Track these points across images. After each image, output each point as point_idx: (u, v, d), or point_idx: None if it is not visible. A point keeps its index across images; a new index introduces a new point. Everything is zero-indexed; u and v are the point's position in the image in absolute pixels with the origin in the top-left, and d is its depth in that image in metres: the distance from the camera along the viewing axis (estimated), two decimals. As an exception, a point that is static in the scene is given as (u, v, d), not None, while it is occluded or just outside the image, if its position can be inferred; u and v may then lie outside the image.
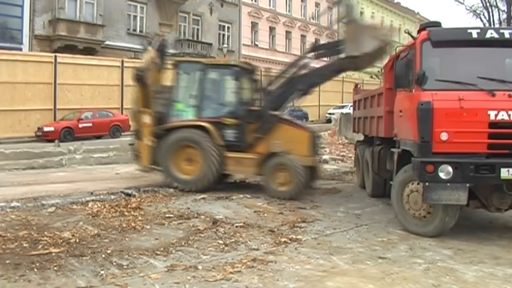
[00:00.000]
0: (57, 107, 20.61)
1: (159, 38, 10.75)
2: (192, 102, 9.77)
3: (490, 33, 6.15)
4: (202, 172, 9.28)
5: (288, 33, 42.43)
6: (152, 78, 9.93)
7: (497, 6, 35.71)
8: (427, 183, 5.83)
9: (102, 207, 7.64)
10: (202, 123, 9.40)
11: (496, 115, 5.75)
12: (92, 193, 8.67)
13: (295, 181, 8.92)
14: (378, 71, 41.17)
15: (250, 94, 10.09)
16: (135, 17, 29.87)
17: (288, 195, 8.88)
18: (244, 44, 37.62)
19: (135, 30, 29.76)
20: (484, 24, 34.51)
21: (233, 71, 9.92)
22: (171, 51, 30.92)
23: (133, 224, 6.58)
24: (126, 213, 7.27)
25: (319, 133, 10.17)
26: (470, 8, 37.50)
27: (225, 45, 33.33)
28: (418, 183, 6.23)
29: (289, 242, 5.91)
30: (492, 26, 32.10)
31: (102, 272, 4.67)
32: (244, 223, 6.81)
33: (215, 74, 10.04)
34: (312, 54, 10.36)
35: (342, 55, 9.46)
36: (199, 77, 9.78)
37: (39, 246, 5.44)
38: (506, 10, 34.64)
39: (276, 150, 9.20)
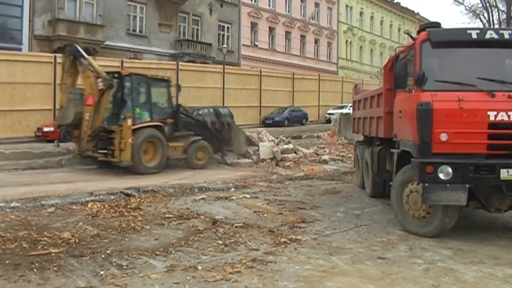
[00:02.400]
0: (57, 107, 20.49)
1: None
2: (145, 107, 12.87)
3: (490, 34, 6.14)
4: (160, 160, 12.73)
5: (287, 33, 42.45)
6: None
7: (496, 7, 35.82)
8: (426, 184, 5.83)
9: (102, 207, 7.65)
10: (159, 123, 12.82)
11: (496, 116, 5.75)
12: (91, 193, 8.68)
13: (208, 157, 14.01)
14: (378, 72, 41.22)
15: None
16: (134, 17, 29.86)
17: (203, 166, 13.61)
18: (243, 44, 37.63)
19: (134, 30, 29.76)
20: (484, 25, 34.59)
21: (167, 83, 13.82)
22: (171, 51, 31.12)
23: (132, 224, 6.59)
24: (125, 214, 7.28)
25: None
26: (470, 8, 37.61)
27: (225, 46, 33.33)
28: (417, 184, 6.24)
29: (288, 242, 5.91)
30: (492, 26, 32.14)
31: (101, 272, 4.67)
32: (243, 223, 6.82)
33: (155, 86, 13.41)
34: None
35: None
36: (146, 88, 13.04)
37: (39, 247, 5.45)
38: (505, 10, 34.71)
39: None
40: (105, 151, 12.03)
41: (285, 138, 16.45)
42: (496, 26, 31.79)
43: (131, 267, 4.84)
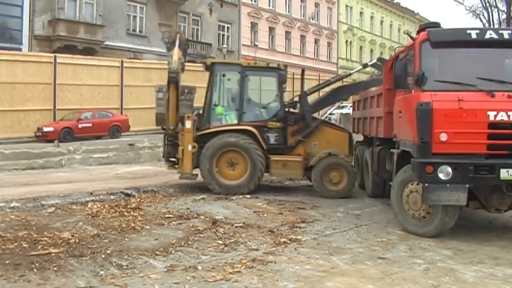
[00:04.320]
0: (57, 107, 20.59)
1: (180, 36, 10.34)
2: (233, 105, 9.85)
3: (489, 34, 6.15)
4: (248, 176, 9.31)
5: (287, 33, 42.46)
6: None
7: (496, 7, 35.77)
8: (426, 184, 5.83)
9: (102, 207, 7.65)
10: (248, 128, 9.47)
11: (496, 116, 5.75)
12: (91, 193, 8.67)
13: (348, 180, 9.37)
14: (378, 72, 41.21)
15: (285, 97, 10.22)
16: (134, 17, 29.89)
17: (342, 194, 9.27)
18: (243, 45, 37.64)
19: (134, 30, 29.79)
20: (484, 25, 34.55)
21: (274, 73, 9.96)
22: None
23: (132, 224, 6.59)
24: (125, 214, 7.28)
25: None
26: (470, 8, 37.58)
27: (225, 46, 33.33)
28: (417, 184, 6.23)
29: (288, 242, 5.91)
30: (492, 26, 32.12)
31: (101, 272, 4.67)
32: (243, 223, 6.82)
33: (255, 77, 10.05)
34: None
35: None
36: (239, 79, 9.79)
37: (39, 247, 5.45)
38: (505, 10, 34.68)
39: (320, 151, 9.56)
40: (173, 159, 9.75)
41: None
42: (496, 26, 31.78)
43: (131, 267, 4.84)
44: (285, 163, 9.54)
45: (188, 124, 9.36)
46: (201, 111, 10.01)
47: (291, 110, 10.04)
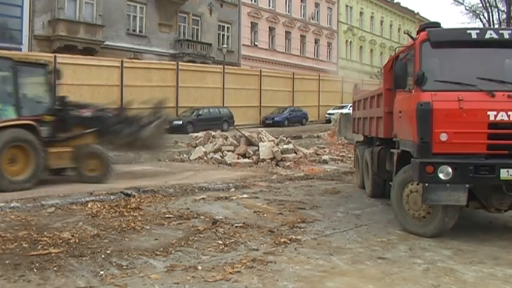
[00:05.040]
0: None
1: None
2: (10, 100, 9.63)
3: (490, 34, 6.15)
4: (33, 170, 9.51)
5: (287, 33, 42.48)
6: None
7: (496, 7, 35.86)
8: (426, 184, 5.83)
9: (102, 207, 7.66)
10: (29, 122, 9.55)
11: (496, 116, 5.74)
12: (91, 193, 8.68)
13: (104, 166, 10.54)
14: (378, 71, 41.25)
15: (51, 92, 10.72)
16: (134, 17, 29.91)
17: (98, 180, 10.25)
18: (243, 45, 37.65)
19: (134, 30, 29.81)
20: (484, 25, 34.61)
21: (42, 70, 10.45)
22: (171, 51, 31.14)
23: (132, 224, 6.59)
24: (125, 214, 7.28)
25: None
26: (470, 8, 37.65)
27: (225, 46, 33.34)
28: (417, 184, 6.24)
29: (288, 242, 5.91)
30: (492, 26, 32.15)
31: (101, 272, 4.67)
32: (243, 223, 6.82)
33: (26, 72, 10.18)
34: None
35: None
36: (11, 74, 9.67)
37: (39, 247, 5.45)
38: (505, 10, 34.74)
39: (86, 142, 10.52)
40: None
41: (285, 138, 16.45)
42: (496, 26, 31.80)
43: (131, 267, 4.83)
44: (59, 154, 10.11)
45: None
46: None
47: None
